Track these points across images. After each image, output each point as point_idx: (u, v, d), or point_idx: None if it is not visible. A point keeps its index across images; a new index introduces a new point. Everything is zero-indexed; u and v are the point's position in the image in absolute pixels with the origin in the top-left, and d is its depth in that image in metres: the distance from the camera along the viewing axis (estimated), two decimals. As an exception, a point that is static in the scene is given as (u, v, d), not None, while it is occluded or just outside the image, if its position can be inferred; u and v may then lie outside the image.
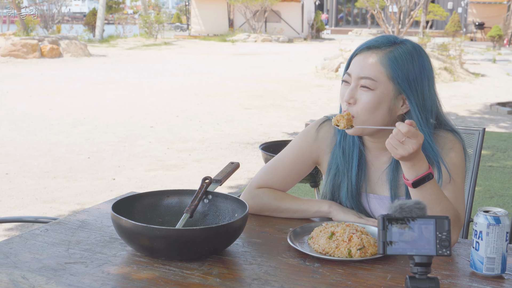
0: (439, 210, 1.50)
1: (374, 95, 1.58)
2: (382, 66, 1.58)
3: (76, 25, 32.91)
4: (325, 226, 1.53)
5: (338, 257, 1.43)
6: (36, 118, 8.35)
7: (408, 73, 1.59)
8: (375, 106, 1.59)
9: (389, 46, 1.61)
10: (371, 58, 1.60)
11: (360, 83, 1.60)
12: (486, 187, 5.19)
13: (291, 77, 13.87)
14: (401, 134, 1.44)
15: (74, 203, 4.70)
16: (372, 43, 1.62)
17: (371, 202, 1.73)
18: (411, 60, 1.60)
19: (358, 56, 1.63)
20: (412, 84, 1.60)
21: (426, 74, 1.62)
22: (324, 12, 41.46)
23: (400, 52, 1.60)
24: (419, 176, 1.48)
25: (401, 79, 1.58)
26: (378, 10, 17.30)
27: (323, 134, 1.77)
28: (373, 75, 1.58)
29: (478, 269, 1.36)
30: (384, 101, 1.59)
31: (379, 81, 1.58)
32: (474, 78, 14.50)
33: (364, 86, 1.59)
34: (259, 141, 6.97)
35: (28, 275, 1.33)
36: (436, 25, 35.03)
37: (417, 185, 1.49)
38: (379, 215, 1.10)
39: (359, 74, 1.60)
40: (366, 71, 1.59)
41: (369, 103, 1.59)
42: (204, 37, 29.76)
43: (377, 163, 1.73)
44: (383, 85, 1.58)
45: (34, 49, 17.30)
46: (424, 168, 1.49)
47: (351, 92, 1.60)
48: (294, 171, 1.78)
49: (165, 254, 1.41)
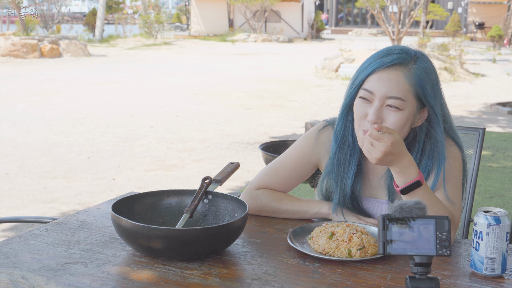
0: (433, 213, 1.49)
1: (402, 115, 1.55)
2: (410, 85, 1.54)
3: (76, 25, 32.93)
4: (325, 226, 1.53)
5: (338, 257, 1.43)
6: (36, 118, 8.35)
7: (433, 87, 1.58)
8: (403, 126, 1.57)
9: (411, 61, 1.57)
10: (397, 77, 1.54)
11: (387, 102, 1.55)
12: (486, 187, 5.19)
13: (291, 77, 13.87)
14: (369, 138, 1.47)
15: (74, 203, 4.70)
16: (394, 60, 1.56)
17: (371, 207, 1.73)
18: (431, 73, 1.59)
19: (380, 73, 1.56)
20: (436, 95, 1.59)
21: (439, 82, 1.63)
22: (324, 12, 41.46)
23: (423, 67, 1.57)
24: (408, 183, 1.49)
25: (429, 94, 1.57)
26: (378, 10, 17.29)
27: (323, 139, 1.76)
28: (402, 95, 1.54)
29: (478, 269, 1.36)
30: (410, 119, 1.58)
31: (407, 101, 1.55)
32: (474, 78, 14.51)
33: (393, 106, 1.55)
34: (259, 141, 6.97)
35: (28, 275, 1.33)
36: (436, 25, 35.02)
37: (406, 192, 1.49)
38: (379, 215, 1.10)
39: (387, 94, 1.54)
40: (395, 91, 1.54)
41: (398, 124, 1.55)
42: (204, 37, 29.76)
43: (375, 168, 1.73)
44: (410, 104, 1.56)
45: (34, 49, 17.30)
46: (413, 175, 1.49)
47: (378, 112, 1.55)
48: (294, 173, 1.78)
49: (165, 254, 1.41)
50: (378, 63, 1.56)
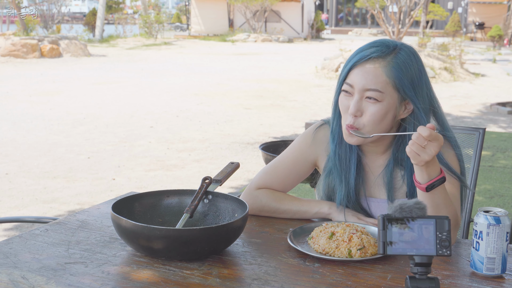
0: (446, 213, 1.49)
1: (381, 107, 1.57)
2: (387, 77, 1.56)
3: (76, 25, 32.92)
4: (325, 226, 1.53)
5: (338, 257, 1.43)
6: (36, 118, 8.35)
7: (412, 79, 1.58)
8: (383, 117, 1.58)
9: (389, 54, 1.58)
10: (375, 69, 1.57)
11: (365, 95, 1.57)
12: (486, 187, 5.19)
13: (291, 77, 13.87)
14: (422, 139, 1.40)
15: (74, 203, 4.70)
16: (372, 53, 1.58)
17: (370, 206, 1.73)
18: (412, 64, 1.59)
19: (359, 67, 1.58)
20: (417, 88, 1.59)
21: (424, 75, 1.62)
22: (324, 12, 41.46)
23: (402, 59, 1.58)
24: (433, 180, 1.46)
25: (407, 87, 1.57)
26: (378, 10, 17.29)
27: (320, 137, 1.77)
28: (380, 86, 1.56)
29: (478, 269, 1.36)
30: (390, 110, 1.59)
31: (385, 92, 1.56)
32: (474, 78, 14.50)
33: (371, 97, 1.57)
34: (259, 141, 6.97)
35: (28, 275, 1.33)
36: (436, 25, 35.02)
37: (430, 189, 1.46)
38: (379, 215, 1.10)
39: (365, 86, 1.57)
40: (372, 83, 1.56)
41: (376, 115, 1.57)
42: (204, 37, 29.76)
43: (373, 166, 1.73)
44: (389, 96, 1.57)
45: (34, 49, 17.30)
46: (437, 171, 1.46)
47: (357, 105, 1.58)
48: (293, 172, 1.78)
49: (165, 254, 1.41)
50: (358, 57, 1.59)
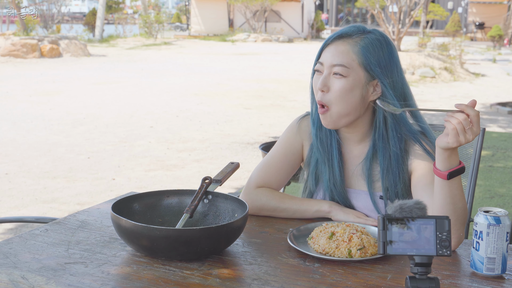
0: (461, 206, 1.47)
1: (346, 82, 1.62)
2: (354, 54, 1.63)
3: (76, 25, 32.91)
4: (325, 226, 1.53)
5: (338, 257, 1.43)
6: (36, 118, 8.36)
7: (379, 59, 1.63)
8: (348, 93, 1.63)
9: (360, 35, 1.65)
10: (342, 46, 1.64)
11: (333, 70, 1.63)
12: (486, 187, 5.19)
13: (291, 77, 13.87)
14: (468, 120, 1.36)
15: (74, 203, 4.70)
16: (343, 32, 1.66)
17: (350, 197, 1.76)
18: (381, 47, 1.64)
19: (330, 45, 1.66)
20: (384, 69, 1.64)
21: (395, 60, 1.67)
22: (324, 12, 41.46)
23: (370, 40, 1.64)
24: (454, 168, 1.43)
25: (373, 65, 1.63)
26: (378, 10, 17.29)
27: (304, 127, 1.82)
28: (346, 62, 1.62)
29: (478, 269, 1.36)
30: (356, 88, 1.63)
31: (351, 68, 1.62)
32: (474, 78, 14.51)
33: (337, 73, 1.63)
34: (259, 141, 6.97)
35: (28, 275, 1.33)
36: (436, 25, 35.02)
37: (451, 177, 1.43)
38: (379, 215, 1.10)
39: (332, 62, 1.63)
40: (339, 59, 1.62)
41: (342, 90, 1.62)
42: (204, 37, 29.76)
43: (351, 156, 1.76)
44: (355, 72, 1.62)
45: (34, 49, 17.30)
46: (457, 160, 1.44)
47: (324, 80, 1.64)
48: (285, 164, 1.81)
49: (165, 254, 1.41)
50: (329, 37, 1.69)
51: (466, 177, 2.12)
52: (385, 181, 1.68)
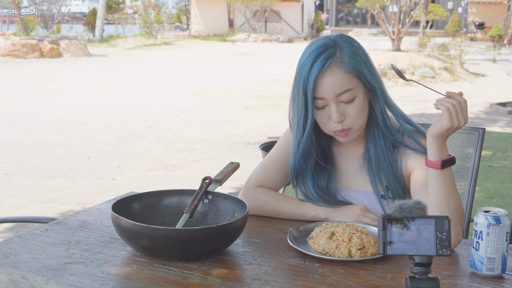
0: (455, 199, 1.50)
1: (359, 102, 1.62)
2: (347, 72, 1.59)
3: (76, 25, 32.90)
4: (325, 226, 1.53)
5: (338, 257, 1.43)
6: (36, 118, 8.36)
7: (365, 62, 1.63)
8: (362, 110, 1.63)
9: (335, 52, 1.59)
10: (334, 72, 1.58)
11: (340, 99, 1.60)
12: (486, 187, 5.19)
13: (291, 77, 13.79)
14: (460, 106, 1.46)
15: (74, 203, 4.70)
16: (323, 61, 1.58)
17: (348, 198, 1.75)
18: (358, 52, 1.63)
19: (320, 80, 1.59)
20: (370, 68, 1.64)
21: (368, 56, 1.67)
22: (324, 12, 41.45)
23: (348, 52, 1.60)
24: (446, 158, 1.49)
25: (365, 70, 1.62)
26: (378, 10, 17.29)
27: None
28: (348, 85, 1.59)
29: (478, 269, 1.36)
30: (364, 99, 1.64)
31: (354, 87, 1.61)
32: (474, 78, 14.50)
33: (344, 100, 1.61)
34: (259, 141, 6.97)
35: (28, 275, 1.33)
36: (436, 25, 35.02)
37: (444, 166, 1.48)
38: (379, 215, 1.10)
39: (335, 92, 1.59)
40: (340, 87, 1.59)
41: (357, 111, 1.62)
42: (204, 37, 29.76)
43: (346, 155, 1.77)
44: (357, 87, 1.62)
45: (34, 49, 17.30)
46: (447, 152, 1.51)
47: (338, 112, 1.61)
48: (284, 165, 1.81)
49: (165, 254, 1.41)
50: (314, 72, 1.58)
51: (466, 177, 2.12)
52: (382, 180, 1.69)
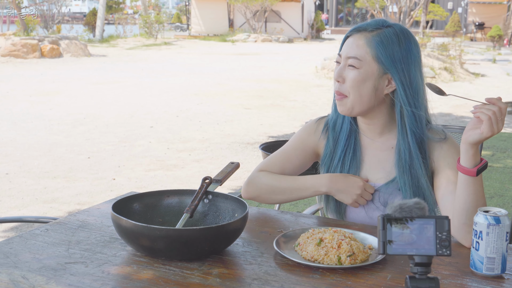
0: (483, 203, 1.51)
1: (358, 73, 1.67)
2: (368, 47, 1.67)
3: (76, 25, 32.89)
4: (312, 232, 1.49)
5: (328, 264, 1.39)
6: (36, 118, 8.35)
7: (394, 53, 1.66)
8: (360, 84, 1.68)
9: (377, 29, 1.69)
10: (359, 39, 1.69)
11: (348, 62, 1.69)
12: (486, 187, 5.19)
13: (291, 77, 13.87)
14: (500, 113, 1.43)
15: (74, 203, 4.70)
16: (361, 25, 1.71)
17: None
18: (397, 41, 1.67)
19: (349, 38, 1.72)
20: (398, 64, 1.66)
21: (413, 57, 1.68)
22: (324, 12, 41.45)
23: (387, 34, 1.68)
24: (480, 164, 1.49)
25: (385, 59, 1.66)
26: (378, 10, 17.30)
27: (321, 127, 1.85)
28: (359, 54, 1.67)
29: (478, 269, 1.36)
30: (369, 79, 1.67)
31: (363, 61, 1.67)
32: (474, 78, 14.51)
33: (351, 65, 1.69)
34: (259, 141, 6.97)
35: (28, 275, 1.33)
36: (436, 25, 35.02)
37: (478, 173, 1.48)
38: (379, 215, 1.10)
39: (347, 54, 1.70)
40: (353, 51, 1.68)
41: (354, 81, 1.68)
42: (204, 37, 29.75)
43: (371, 148, 1.78)
44: (367, 65, 1.67)
45: (34, 49, 17.29)
46: (479, 156, 1.51)
47: (339, 70, 1.71)
48: (294, 157, 1.84)
49: (165, 254, 1.41)
50: (349, 30, 1.75)
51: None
52: (404, 175, 1.70)
